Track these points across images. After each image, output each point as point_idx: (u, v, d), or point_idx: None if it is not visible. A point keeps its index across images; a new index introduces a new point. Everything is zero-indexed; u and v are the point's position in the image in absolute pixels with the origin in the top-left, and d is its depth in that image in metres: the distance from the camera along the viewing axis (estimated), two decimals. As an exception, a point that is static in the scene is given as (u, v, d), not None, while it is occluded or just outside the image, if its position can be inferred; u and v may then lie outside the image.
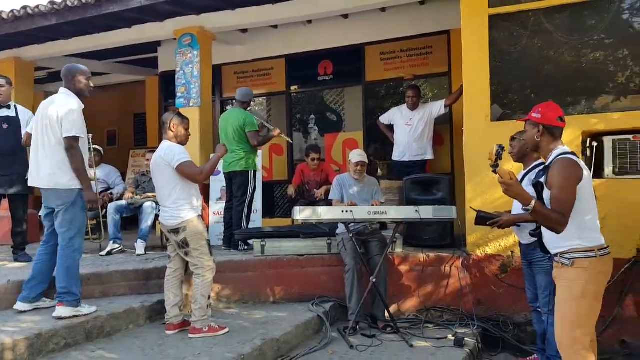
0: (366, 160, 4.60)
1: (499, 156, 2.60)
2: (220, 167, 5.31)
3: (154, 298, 4.11)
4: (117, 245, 5.29)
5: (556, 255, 2.72)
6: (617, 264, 3.85)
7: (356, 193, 4.59)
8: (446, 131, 6.55)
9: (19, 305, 3.63)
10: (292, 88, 7.69)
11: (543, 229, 2.75)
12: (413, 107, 5.82)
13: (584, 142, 4.14)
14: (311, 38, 7.20)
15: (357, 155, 4.61)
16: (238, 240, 5.19)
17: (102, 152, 6.25)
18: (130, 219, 5.85)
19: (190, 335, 3.58)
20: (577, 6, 4.33)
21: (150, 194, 5.49)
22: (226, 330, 3.67)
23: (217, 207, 6.02)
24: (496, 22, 4.50)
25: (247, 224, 5.36)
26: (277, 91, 7.75)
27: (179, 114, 3.85)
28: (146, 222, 5.33)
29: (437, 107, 5.77)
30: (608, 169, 4.07)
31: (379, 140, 7.02)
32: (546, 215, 2.51)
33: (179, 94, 6.41)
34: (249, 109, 5.67)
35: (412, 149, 5.81)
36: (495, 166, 2.50)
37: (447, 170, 6.44)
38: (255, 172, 5.42)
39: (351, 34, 6.96)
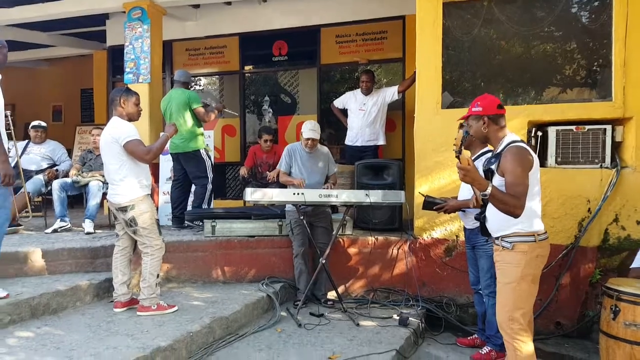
0: (317, 137, 4.50)
1: (463, 142, 2.66)
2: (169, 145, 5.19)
3: (101, 276, 4.07)
4: (64, 224, 5.15)
5: (497, 238, 2.81)
6: (555, 249, 4.11)
7: (306, 163, 4.55)
8: (398, 117, 6.63)
9: None
10: (246, 68, 7.54)
11: (488, 213, 2.83)
12: (367, 92, 5.85)
13: (529, 132, 4.29)
14: (266, 17, 7.08)
15: (309, 130, 4.48)
16: (191, 220, 5.15)
17: (46, 127, 5.97)
18: (78, 197, 5.62)
19: (139, 313, 3.55)
20: (527, -3, 4.45)
21: (96, 173, 5.32)
22: (175, 308, 3.65)
23: (167, 187, 5.89)
24: (450, 9, 4.56)
25: (209, 205, 5.34)
26: (230, 70, 7.58)
27: (128, 89, 3.74)
28: (93, 201, 5.14)
29: (390, 93, 5.82)
30: (551, 158, 4.23)
31: (333, 124, 7.02)
32: (503, 200, 2.56)
33: (127, 70, 6.16)
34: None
35: (365, 134, 5.84)
36: (459, 152, 2.54)
37: (399, 155, 6.54)
38: (207, 150, 5.37)
39: (307, 15, 6.89)
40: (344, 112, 6.10)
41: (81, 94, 10.15)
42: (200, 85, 8.00)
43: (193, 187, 5.39)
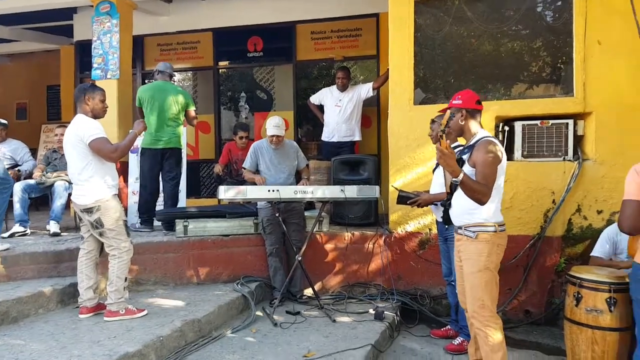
0: (281, 134, 4.46)
1: (449, 121, 2.78)
2: (138, 142, 5.07)
3: (66, 281, 3.94)
4: (22, 229, 4.90)
5: (460, 227, 2.92)
6: (523, 239, 4.26)
7: (274, 159, 4.55)
8: (374, 113, 6.69)
9: None
10: (221, 63, 7.49)
11: (453, 201, 2.95)
12: (343, 88, 5.89)
13: (497, 126, 4.41)
14: (240, 12, 7.02)
15: (273, 126, 4.44)
16: (164, 221, 5.02)
17: (7, 125, 5.75)
18: (43, 198, 5.47)
19: (106, 318, 3.46)
20: (495, -4, 4.55)
21: (62, 173, 5.16)
22: (144, 312, 3.57)
23: (136, 186, 5.77)
24: (421, 8, 4.63)
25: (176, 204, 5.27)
26: (204, 66, 7.51)
27: (94, 85, 3.66)
28: (58, 202, 4.99)
29: (365, 90, 5.87)
30: (518, 152, 4.36)
31: (309, 121, 7.05)
32: (473, 187, 2.71)
33: (95, 65, 6.03)
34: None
35: (341, 130, 5.89)
36: (443, 131, 2.67)
37: (374, 151, 6.61)
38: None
39: (282, 11, 6.86)
40: (321, 108, 6.13)
41: (47, 91, 9.85)
42: (174, 82, 7.89)
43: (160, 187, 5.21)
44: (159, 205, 5.27)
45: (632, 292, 2.67)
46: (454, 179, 2.71)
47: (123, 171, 5.81)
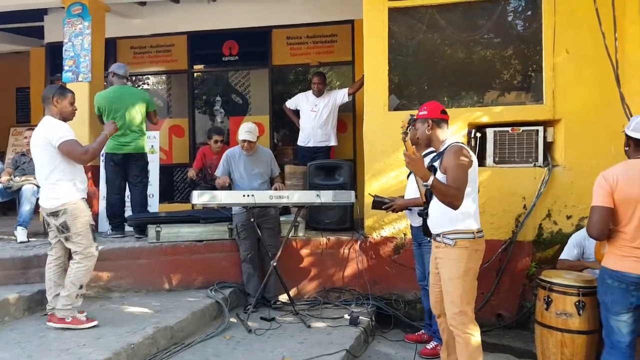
0: (252, 139, 4.40)
1: (409, 125, 2.81)
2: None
3: (34, 288, 3.86)
4: None
5: (439, 235, 2.93)
6: (495, 244, 4.32)
7: (247, 166, 4.50)
8: (349, 119, 6.73)
9: None
10: (195, 67, 7.42)
11: (430, 210, 2.96)
12: (318, 93, 5.90)
13: (469, 133, 4.48)
14: (215, 16, 6.97)
15: (245, 132, 4.39)
16: (135, 226, 4.94)
17: None
18: (11, 203, 5.32)
19: (48, 323, 3.36)
20: (467, 5, 4.64)
21: (30, 177, 5.04)
22: (94, 323, 3.40)
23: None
24: (395, 15, 4.68)
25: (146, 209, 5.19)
26: (178, 69, 7.43)
27: (62, 87, 3.57)
28: (26, 207, 4.87)
29: (341, 95, 5.90)
30: (489, 158, 4.44)
31: (285, 125, 7.04)
32: (444, 191, 2.72)
33: (66, 68, 5.89)
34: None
35: (317, 135, 5.90)
36: (405, 133, 2.69)
37: (350, 156, 6.64)
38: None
39: (257, 16, 6.84)
40: (296, 113, 6.13)
41: (16, 93, 9.59)
42: (147, 85, 7.81)
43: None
44: (128, 210, 5.19)
45: (600, 296, 2.75)
46: (424, 183, 2.72)
47: (95, 175, 5.68)
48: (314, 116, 5.88)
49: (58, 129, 3.36)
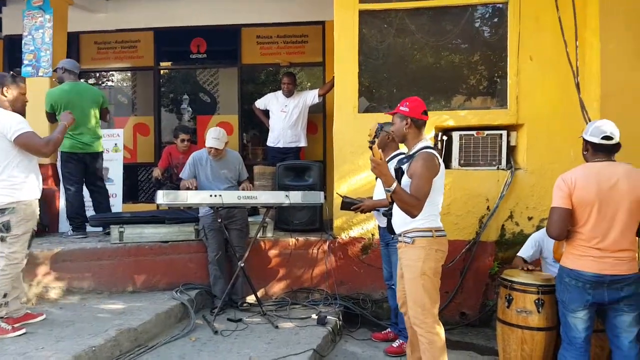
0: (220, 147, 4.30)
1: (377, 134, 2.81)
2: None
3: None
4: None
5: (400, 234, 2.99)
6: (460, 244, 4.42)
7: (214, 170, 4.43)
8: (319, 120, 6.74)
9: None
10: (162, 64, 7.28)
11: (394, 210, 3.00)
12: (288, 94, 5.88)
13: (436, 136, 4.57)
14: (183, 13, 6.84)
15: (212, 139, 4.28)
16: (98, 226, 4.87)
17: None
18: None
19: None
20: (435, 10, 4.73)
21: None
22: (22, 332, 3.20)
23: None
24: (366, 18, 4.73)
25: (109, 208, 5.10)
26: (144, 66, 7.25)
27: (13, 76, 3.35)
28: None
29: (311, 96, 5.90)
30: (455, 161, 4.55)
31: (255, 126, 6.99)
32: (404, 199, 2.74)
33: (26, 62, 5.68)
34: None
35: (287, 136, 5.88)
36: (372, 142, 2.70)
37: (320, 157, 6.65)
38: None
39: (227, 14, 6.74)
40: (266, 113, 6.10)
41: (-27, 87, 9.20)
42: (112, 81, 7.61)
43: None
44: (89, 210, 5.08)
45: (558, 294, 2.86)
46: (386, 188, 2.73)
47: (54, 174, 5.50)
48: (284, 117, 5.87)
49: (12, 121, 3.17)
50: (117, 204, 5.56)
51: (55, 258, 4.11)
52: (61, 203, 5.43)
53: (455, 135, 4.53)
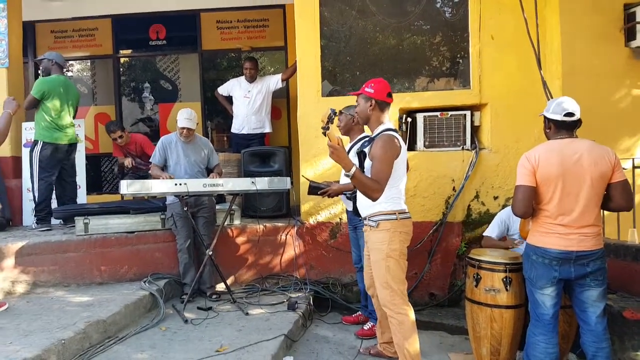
0: (192, 127, 4.28)
1: (330, 120, 2.76)
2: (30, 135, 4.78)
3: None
4: None
5: (365, 218, 2.99)
6: (427, 225, 4.46)
7: (184, 153, 4.35)
8: (283, 105, 6.68)
9: None
10: (121, 52, 7.06)
11: (358, 194, 3.00)
12: (251, 79, 5.79)
13: (400, 118, 4.58)
14: (140, -1, 6.65)
15: (184, 119, 4.24)
16: (63, 218, 4.80)
17: None
18: None
19: None
20: (396, -10, 4.70)
21: None
22: None
23: (30, 184, 5.28)
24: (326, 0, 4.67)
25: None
26: (102, 54, 7.04)
27: None
28: None
29: (274, 81, 5.83)
30: (420, 142, 4.58)
31: (219, 113, 6.87)
32: (364, 182, 2.74)
33: (-18, 53, 5.45)
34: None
35: (251, 122, 5.80)
36: (325, 128, 2.65)
37: (285, 143, 6.60)
38: None
39: (184, -1, 6.60)
40: (229, 99, 5.99)
41: None
42: (71, 71, 7.33)
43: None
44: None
45: (525, 271, 2.89)
46: (345, 173, 2.72)
47: (16, 166, 5.29)
48: (247, 102, 5.78)
49: None
50: (81, 196, 5.41)
51: (20, 252, 4.02)
52: (24, 196, 5.25)
53: (420, 117, 4.55)
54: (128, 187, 3.81)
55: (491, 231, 3.82)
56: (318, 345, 3.70)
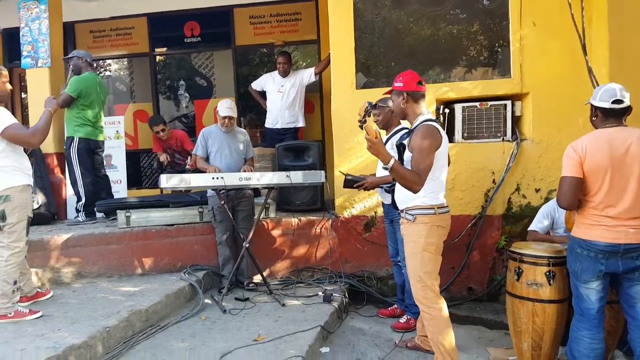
0: (234, 115, 4.40)
1: (367, 113, 2.71)
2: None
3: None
4: None
5: (402, 211, 2.95)
6: (465, 219, 4.37)
7: (225, 143, 4.43)
8: (316, 99, 6.67)
9: None
10: (157, 50, 7.21)
11: (396, 186, 2.96)
12: (284, 73, 5.81)
13: (437, 109, 4.49)
14: (175, -3, 6.76)
15: (226, 108, 4.35)
16: (104, 212, 4.96)
17: None
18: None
19: None
20: (432, -22, 4.61)
21: None
22: (38, 315, 3.27)
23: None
24: (360, -9, 4.62)
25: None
26: (139, 52, 7.20)
27: None
28: None
29: (307, 75, 5.82)
30: (458, 134, 4.47)
31: (252, 108, 6.92)
32: (403, 175, 2.68)
33: (25, 53, 5.65)
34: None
35: (285, 117, 5.82)
36: (363, 122, 2.60)
37: (318, 137, 6.60)
38: None
39: (218, -5, 6.67)
40: (263, 94, 6.02)
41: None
42: (109, 71, 7.54)
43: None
44: None
45: (569, 265, 2.79)
46: (383, 166, 2.67)
47: (60, 162, 5.51)
48: (281, 97, 5.80)
49: None
50: (122, 190, 5.58)
51: (66, 244, 4.19)
52: (68, 191, 5.45)
53: (458, 108, 4.45)
54: (167, 181, 3.91)
55: (536, 225, 3.70)
56: (354, 337, 3.68)
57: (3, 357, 2.64)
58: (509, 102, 4.41)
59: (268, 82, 5.92)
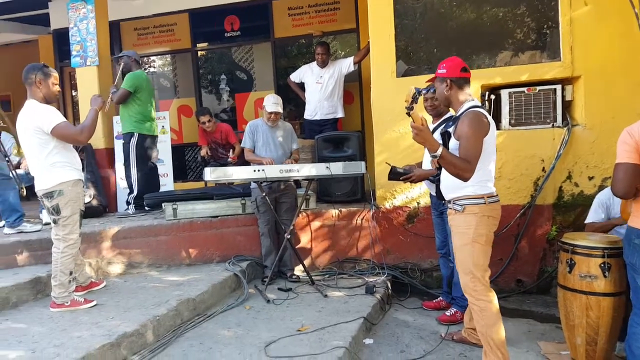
0: (280, 111, 4.44)
1: (414, 99, 2.62)
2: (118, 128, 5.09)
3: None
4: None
5: (450, 201, 2.86)
6: (513, 209, 4.22)
7: (270, 137, 4.49)
8: (356, 89, 6.60)
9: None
10: (198, 45, 7.33)
11: (442, 176, 2.87)
12: (323, 64, 5.77)
13: (483, 95, 4.34)
14: (214, -9, 6.84)
15: (272, 103, 4.40)
16: (152, 205, 5.11)
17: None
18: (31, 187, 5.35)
19: (52, 309, 3.37)
20: (477, -39, 4.44)
21: None
22: (93, 303, 3.42)
23: (123, 173, 5.67)
24: (400, -23, 4.52)
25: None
26: (182, 48, 7.35)
27: (45, 66, 3.43)
28: None
29: (346, 65, 5.76)
30: (505, 120, 4.31)
31: (291, 100, 6.93)
32: (453, 162, 2.59)
33: (74, 53, 5.88)
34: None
35: (324, 107, 5.79)
36: (410, 108, 2.52)
37: (358, 127, 6.54)
38: None
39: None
40: (301, 86, 6.02)
41: (29, 82, 9.61)
42: (154, 67, 7.74)
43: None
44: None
45: (626, 257, 2.63)
46: (432, 154, 2.57)
47: (109, 157, 5.70)
48: (320, 88, 5.77)
49: (46, 115, 3.28)
50: (168, 183, 5.73)
51: (116, 235, 4.34)
52: (118, 184, 5.63)
53: (504, 94, 4.28)
54: (211, 174, 3.98)
55: (593, 216, 3.52)
56: (398, 329, 3.64)
57: (62, 344, 2.76)
58: (558, 87, 4.20)
59: (307, 74, 5.90)
